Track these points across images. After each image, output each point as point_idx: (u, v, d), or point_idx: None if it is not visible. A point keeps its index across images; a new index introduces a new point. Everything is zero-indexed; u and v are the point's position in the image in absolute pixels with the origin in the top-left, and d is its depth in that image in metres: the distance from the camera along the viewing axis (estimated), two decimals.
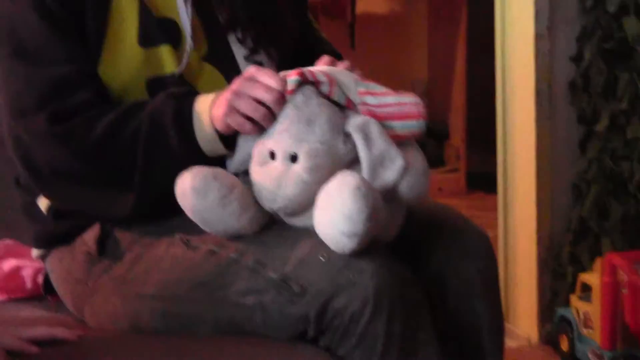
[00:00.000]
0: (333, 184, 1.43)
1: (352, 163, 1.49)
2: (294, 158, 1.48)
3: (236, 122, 1.50)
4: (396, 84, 4.77)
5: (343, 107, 1.51)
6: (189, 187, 1.48)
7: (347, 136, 1.49)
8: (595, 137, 2.68)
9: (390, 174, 1.47)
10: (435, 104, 4.80)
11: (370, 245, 1.44)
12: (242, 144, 1.54)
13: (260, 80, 1.49)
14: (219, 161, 1.55)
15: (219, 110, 1.51)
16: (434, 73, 4.81)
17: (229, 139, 1.54)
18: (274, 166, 1.49)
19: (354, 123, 1.49)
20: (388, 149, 1.47)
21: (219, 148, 1.54)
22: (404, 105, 1.51)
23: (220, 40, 1.70)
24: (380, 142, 1.47)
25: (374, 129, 1.48)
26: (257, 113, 1.49)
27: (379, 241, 1.49)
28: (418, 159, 1.52)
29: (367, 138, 1.47)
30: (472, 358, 1.62)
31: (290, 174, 1.48)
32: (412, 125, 1.51)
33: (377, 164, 1.47)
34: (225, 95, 1.50)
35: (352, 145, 1.48)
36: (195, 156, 1.53)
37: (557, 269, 2.79)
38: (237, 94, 1.49)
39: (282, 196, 1.48)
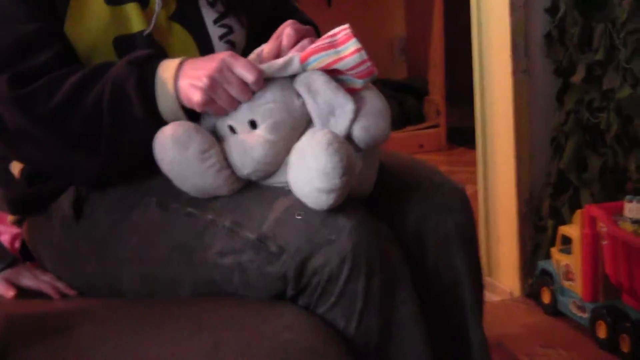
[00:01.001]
0: (303, 142, 1.43)
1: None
2: (253, 124, 1.49)
3: (212, 109, 1.49)
4: (374, 42, 4.78)
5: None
6: (170, 137, 1.47)
7: (298, 95, 1.49)
8: (572, 89, 2.68)
9: (342, 121, 1.47)
10: (414, 61, 4.79)
11: (346, 202, 1.44)
12: (206, 118, 1.53)
13: (237, 72, 1.47)
14: None
15: (193, 94, 1.47)
16: (412, 30, 4.79)
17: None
18: (236, 136, 1.50)
19: (297, 79, 1.49)
20: (334, 97, 1.47)
21: (181, 117, 1.51)
22: (346, 59, 1.49)
23: (189, 1, 1.68)
24: (325, 91, 1.47)
25: (318, 79, 1.48)
26: (232, 106, 1.48)
27: (355, 197, 1.49)
28: (374, 100, 1.51)
29: (310, 90, 1.47)
30: (452, 313, 1.63)
31: (253, 138, 1.48)
32: (357, 82, 1.50)
33: (326, 113, 1.47)
34: (200, 80, 1.47)
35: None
36: (157, 124, 1.50)
37: (537, 223, 2.79)
38: (214, 84, 1.46)
39: (250, 160, 1.48)
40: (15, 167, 1.69)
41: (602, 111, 2.60)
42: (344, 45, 1.49)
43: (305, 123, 1.49)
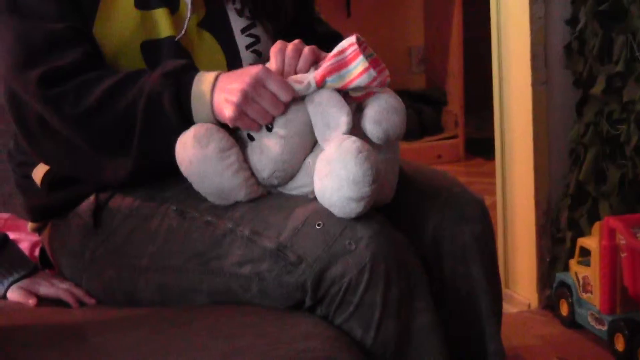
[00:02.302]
0: (330, 151, 1.43)
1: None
2: (268, 128, 1.51)
3: (245, 124, 1.50)
4: (392, 52, 4.77)
5: None
6: (192, 136, 1.49)
7: None
8: (592, 101, 2.67)
9: (335, 133, 1.48)
10: (433, 71, 4.78)
11: (365, 212, 1.44)
12: None
13: (270, 88, 1.48)
14: None
15: (225, 108, 1.49)
16: (431, 40, 4.78)
17: None
18: (254, 142, 1.52)
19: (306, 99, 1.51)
20: (330, 110, 1.48)
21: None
22: (356, 80, 1.49)
23: (218, 9, 1.68)
24: (324, 104, 1.48)
25: (322, 93, 1.49)
26: (264, 120, 1.49)
27: (377, 204, 1.49)
28: (387, 98, 1.52)
29: (313, 102, 1.49)
30: (470, 323, 1.62)
31: (269, 138, 1.50)
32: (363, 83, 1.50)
33: (322, 125, 1.49)
34: (234, 95, 1.48)
35: None
36: None
37: (555, 234, 2.78)
38: (247, 99, 1.48)
39: (267, 161, 1.50)
40: (37, 175, 1.70)
41: (622, 123, 2.59)
42: (353, 64, 1.49)
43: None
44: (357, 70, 1.48)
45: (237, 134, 1.53)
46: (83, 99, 1.54)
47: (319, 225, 1.45)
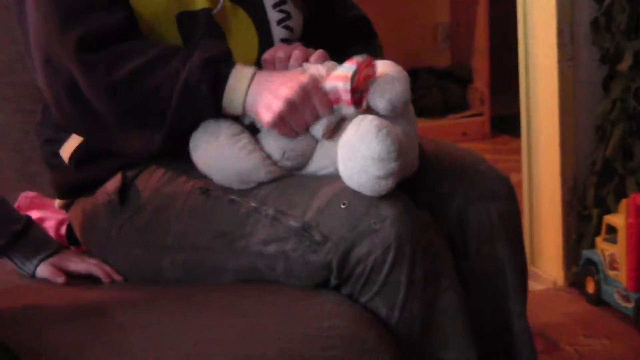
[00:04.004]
0: (350, 134, 1.43)
1: None
2: None
3: (283, 131, 1.51)
4: (418, 29, 4.75)
5: None
6: (201, 130, 1.52)
7: None
8: (619, 77, 2.65)
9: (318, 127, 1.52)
10: (458, 48, 4.76)
11: (390, 191, 1.44)
12: None
13: (314, 101, 1.50)
14: None
15: (265, 114, 1.51)
16: (457, 16, 4.75)
17: None
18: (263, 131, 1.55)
19: None
20: None
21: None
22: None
23: None
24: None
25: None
26: (302, 130, 1.51)
27: (403, 176, 1.48)
28: (385, 69, 1.53)
29: None
30: (495, 301, 1.62)
31: None
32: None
33: None
34: (279, 101, 1.49)
35: None
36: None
37: (582, 211, 2.77)
38: (291, 108, 1.49)
39: (274, 143, 1.53)
40: (65, 152, 1.71)
41: None
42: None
43: None
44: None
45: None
46: (115, 69, 1.54)
47: (344, 204, 1.45)
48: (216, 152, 1.51)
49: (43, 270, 1.68)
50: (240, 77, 1.53)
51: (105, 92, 1.55)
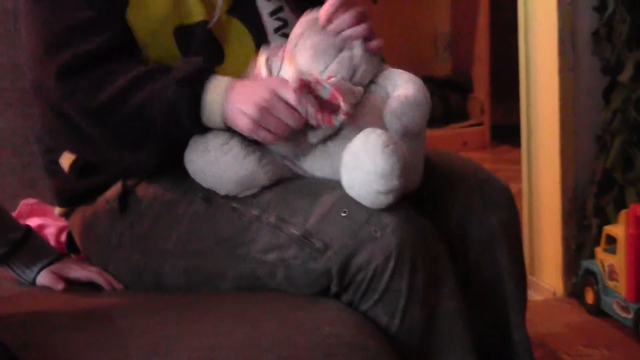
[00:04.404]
0: (357, 144, 1.43)
1: None
2: None
3: (262, 137, 1.50)
4: (418, 38, 4.74)
5: None
6: (191, 149, 1.52)
7: None
8: (620, 88, 2.65)
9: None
10: (459, 57, 4.76)
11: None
12: None
13: (285, 98, 1.48)
14: None
15: (240, 121, 1.50)
16: (457, 26, 4.76)
17: None
18: None
19: None
20: None
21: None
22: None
23: None
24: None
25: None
26: (282, 131, 1.49)
27: (405, 191, 1.48)
28: (410, 91, 1.53)
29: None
30: (495, 310, 1.62)
31: None
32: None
33: None
34: (248, 108, 1.49)
35: None
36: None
37: (581, 222, 2.77)
38: (263, 113, 1.48)
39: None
40: (65, 161, 1.71)
41: None
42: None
43: None
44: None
45: None
46: (96, 94, 1.54)
47: (344, 212, 1.45)
48: (210, 165, 1.52)
49: (43, 277, 1.68)
50: (215, 89, 1.52)
51: (88, 117, 1.56)
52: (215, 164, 1.51)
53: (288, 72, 1.52)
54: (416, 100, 1.52)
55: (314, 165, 1.54)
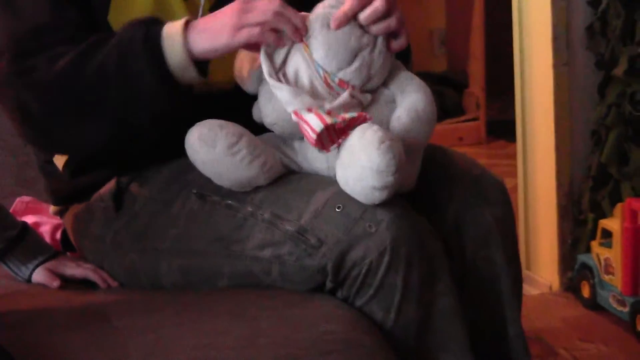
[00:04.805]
0: (354, 140, 1.43)
1: None
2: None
3: (246, 36, 1.45)
4: (414, 34, 4.75)
5: None
6: (197, 138, 1.49)
7: None
8: (614, 82, 2.66)
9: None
10: (454, 53, 4.77)
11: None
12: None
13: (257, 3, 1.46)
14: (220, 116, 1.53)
15: (221, 37, 1.46)
16: (452, 22, 4.76)
17: (203, 65, 1.51)
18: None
19: None
20: None
21: (191, 72, 1.49)
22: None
23: None
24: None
25: None
26: (267, 18, 1.45)
27: (401, 190, 1.49)
28: (419, 103, 1.53)
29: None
30: (490, 305, 1.62)
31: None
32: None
33: None
34: (227, 20, 1.45)
35: None
36: (166, 82, 1.49)
37: (577, 216, 2.78)
38: (240, 15, 1.45)
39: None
40: (59, 161, 1.71)
41: None
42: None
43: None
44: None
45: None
46: (53, 64, 1.50)
47: (339, 208, 1.45)
48: (214, 162, 1.50)
49: (39, 275, 1.68)
50: (174, 24, 1.48)
51: (52, 87, 1.50)
52: (219, 162, 1.50)
53: (300, 64, 1.49)
54: (426, 116, 1.53)
55: (309, 155, 1.54)
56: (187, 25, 1.49)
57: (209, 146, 1.48)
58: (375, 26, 1.51)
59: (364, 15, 1.49)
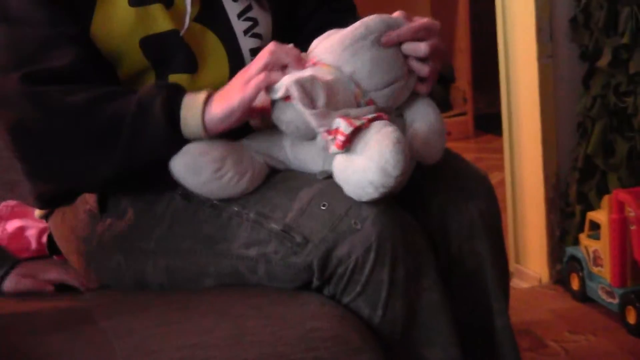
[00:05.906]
0: (371, 133, 1.42)
1: None
2: None
3: (258, 80, 1.46)
4: None
5: None
6: (182, 166, 1.49)
7: None
8: (598, 74, 2.66)
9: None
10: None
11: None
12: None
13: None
14: None
15: (233, 95, 1.47)
16: (437, 16, 4.75)
17: None
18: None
19: None
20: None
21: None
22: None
23: (213, 1, 1.66)
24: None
25: None
26: (272, 58, 1.48)
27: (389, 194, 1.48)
28: (432, 121, 1.55)
29: None
30: (477, 299, 1.62)
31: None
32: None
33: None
34: (233, 81, 1.50)
35: None
36: (177, 137, 1.50)
37: (565, 208, 2.78)
38: (244, 71, 1.49)
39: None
40: None
41: (629, 95, 2.59)
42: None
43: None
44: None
45: None
46: (68, 98, 1.51)
47: (324, 205, 1.45)
48: (202, 186, 1.50)
49: (11, 282, 1.67)
50: (197, 94, 1.50)
51: (65, 115, 1.51)
52: (207, 187, 1.50)
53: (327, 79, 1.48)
54: (431, 135, 1.54)
55: (306, 155, 1.53)
56: (209, 96, 1.50)
57: (195, 174, 1.48)
58: (416, 63, 1.54)
59: (408, 46, 1.53)
